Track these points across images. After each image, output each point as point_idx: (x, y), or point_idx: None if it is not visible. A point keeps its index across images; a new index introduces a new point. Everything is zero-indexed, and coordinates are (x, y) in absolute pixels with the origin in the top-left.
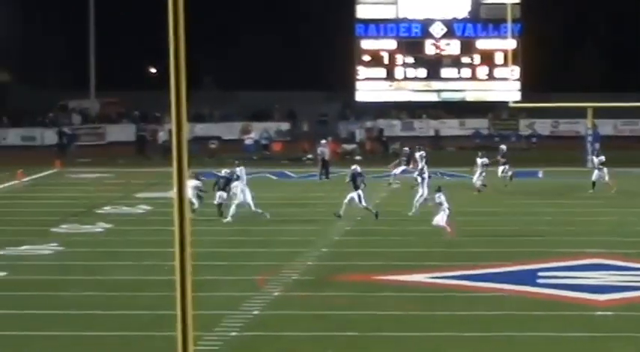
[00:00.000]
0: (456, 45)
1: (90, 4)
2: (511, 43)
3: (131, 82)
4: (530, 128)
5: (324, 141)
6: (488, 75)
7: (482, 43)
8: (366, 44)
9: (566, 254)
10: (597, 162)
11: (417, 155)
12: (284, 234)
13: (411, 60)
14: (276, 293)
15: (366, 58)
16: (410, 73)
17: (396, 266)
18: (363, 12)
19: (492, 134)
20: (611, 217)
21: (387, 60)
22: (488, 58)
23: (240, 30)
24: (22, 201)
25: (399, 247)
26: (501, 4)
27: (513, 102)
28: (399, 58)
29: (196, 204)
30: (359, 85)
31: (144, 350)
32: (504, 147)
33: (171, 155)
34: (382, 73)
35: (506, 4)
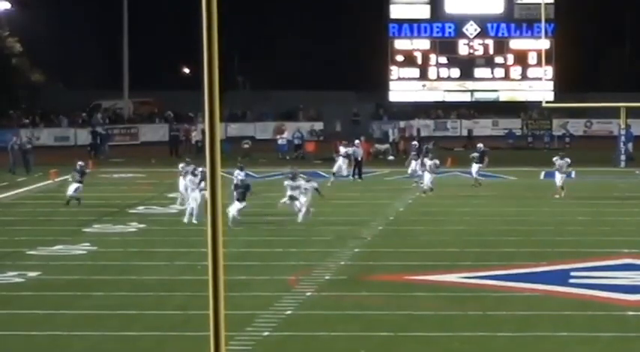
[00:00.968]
0: (489, 45)
1: (124, 4)
2: (544, 43)
3: (164, 82)
4: (564, 128)
5: (357, 141)
6: (521, 75)
7: (515, 43)
8: (399, 44)
9: (598, 254)
10: None
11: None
12: (316, 234)
13: (444, 60)
14: (309, 293)
15: (400, 58)
16: (443, 72)
17: (429, 267)
18: (396, 12)
19: (525, 134)
20: None
21: (420, 60)
22: (521, 58)
23: (274, 31)
24: (55, 201)
25: (432, 247)
26: (535, 3)
27: (546, 102)
28: (433, 58)
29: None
30: (392, 85)
31: (176, 350)
32: (481, 146)
33: (204, 155)
34: (415, 73)
35: (539, 4)
